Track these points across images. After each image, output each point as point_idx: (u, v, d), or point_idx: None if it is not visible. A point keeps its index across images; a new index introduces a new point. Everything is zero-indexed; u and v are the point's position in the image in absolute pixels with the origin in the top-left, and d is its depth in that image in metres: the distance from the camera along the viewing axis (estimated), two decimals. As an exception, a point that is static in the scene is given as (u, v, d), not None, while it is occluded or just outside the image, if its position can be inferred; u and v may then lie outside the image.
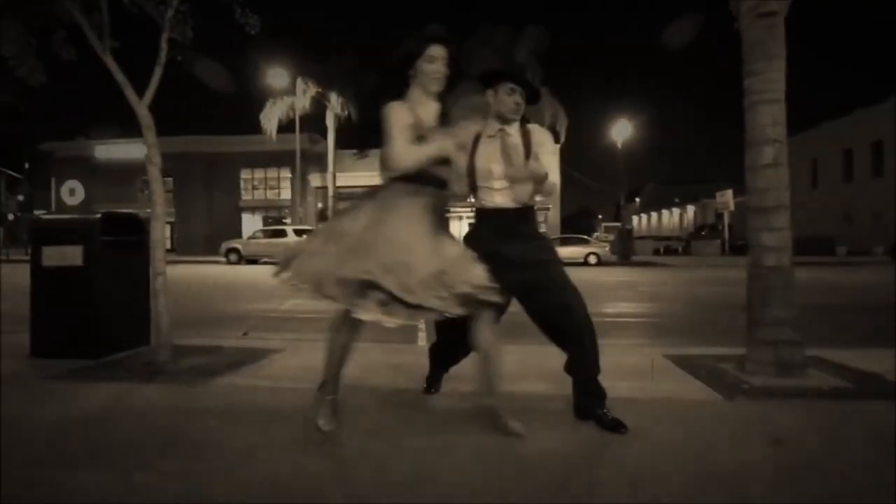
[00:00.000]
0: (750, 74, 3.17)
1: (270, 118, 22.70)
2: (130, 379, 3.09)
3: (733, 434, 2.25)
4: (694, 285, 11.95)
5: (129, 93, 3.56)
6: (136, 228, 4.10)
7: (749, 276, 3.20)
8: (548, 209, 26.92)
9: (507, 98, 2.31)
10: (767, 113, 3.12)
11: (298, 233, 21.44)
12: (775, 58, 3.09)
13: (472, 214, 2.62)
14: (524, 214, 2.36)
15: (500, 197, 2.31)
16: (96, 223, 3.73)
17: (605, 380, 2.34)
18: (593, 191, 36.58)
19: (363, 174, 27.04)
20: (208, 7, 4.11)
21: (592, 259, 20.07)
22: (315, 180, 26.70)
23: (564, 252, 20.40)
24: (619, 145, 24.76)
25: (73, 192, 26.93)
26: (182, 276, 12.90)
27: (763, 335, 3.09)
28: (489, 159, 2.32)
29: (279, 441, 2.12)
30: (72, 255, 3.62)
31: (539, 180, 2.21)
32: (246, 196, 28.89)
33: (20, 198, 39.09)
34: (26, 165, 37.60)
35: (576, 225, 45.61)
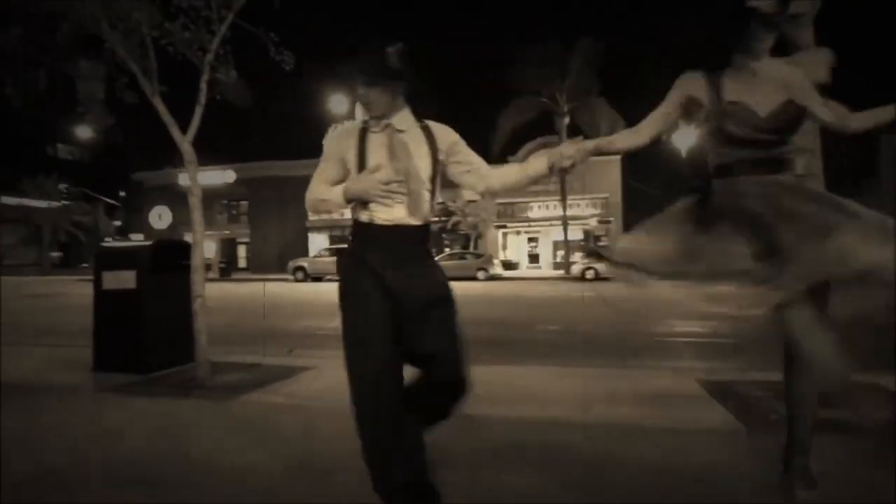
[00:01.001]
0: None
1: (333, 142, 23.75)
2: (169, 394, 3.35)
3: (738, 466, 2.10)
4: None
5: (175, 131, 3.91)
6: (185, 254, 4.44)
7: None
8: (609, 222, 26.15)
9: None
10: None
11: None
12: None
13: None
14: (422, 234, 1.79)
15: (399, 210, 1.71)
16: (148, 250, 4.09)
17: (623, 404, 2.26)
18: (657, 201, 35.01)
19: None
20: (247, 46, 4.47)
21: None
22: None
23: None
24: (684, 154, 23.67)
25: (160, 217, 29.48)
26: (248, 294, 13.71)
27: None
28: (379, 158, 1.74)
29: (271, 462, 2.23)
30: (126, 279, 3.99)
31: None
32: (312, 217, 30.26)
33: (117, 223, 43.27)
34: (122, 193, 41.70)
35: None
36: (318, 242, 29.35)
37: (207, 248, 25.79)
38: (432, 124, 1.83)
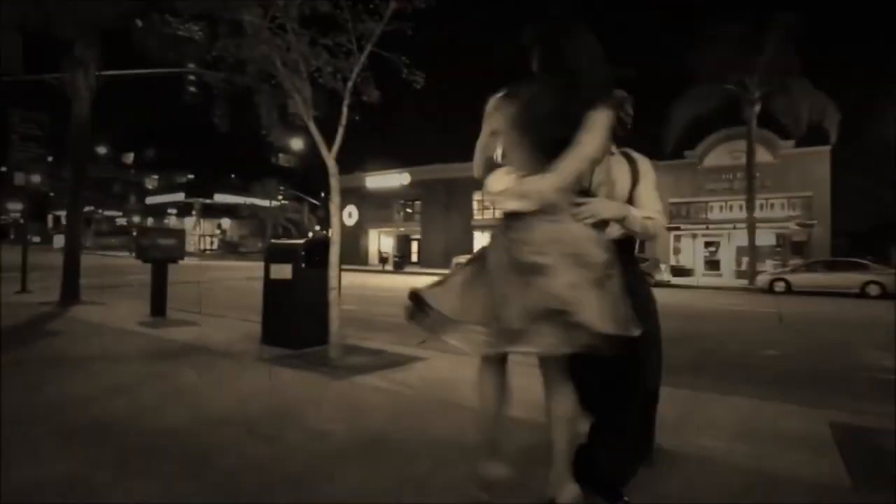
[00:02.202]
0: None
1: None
2: (304, 368, 4.04)
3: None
4: None
5: (322, 148, 4.64)
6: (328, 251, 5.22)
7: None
8: (811, 225, 22.14)
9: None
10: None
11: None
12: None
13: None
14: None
15: None
16: (300, 247, 4.92)
17: (724, 437, 2.16)
18: (876, 201, 28.43)
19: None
20: (384, 69, 5.04)
21: (873, 290, 15.70)
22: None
23: (831, 279, 16.53)
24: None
25: (350, 215, 33.80)
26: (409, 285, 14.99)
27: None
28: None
29: (340, 434, 2.63)
30: (285, 271, 4.87)
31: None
32: (477, 216, 31.53)
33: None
34: (322, 195, 48.87)
35: (868, 245, 35.99)
36: (481, 240, 30.52)
37: (385, 244, 29.03)
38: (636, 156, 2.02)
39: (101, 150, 50.18)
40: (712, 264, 25.19)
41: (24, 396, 3.12)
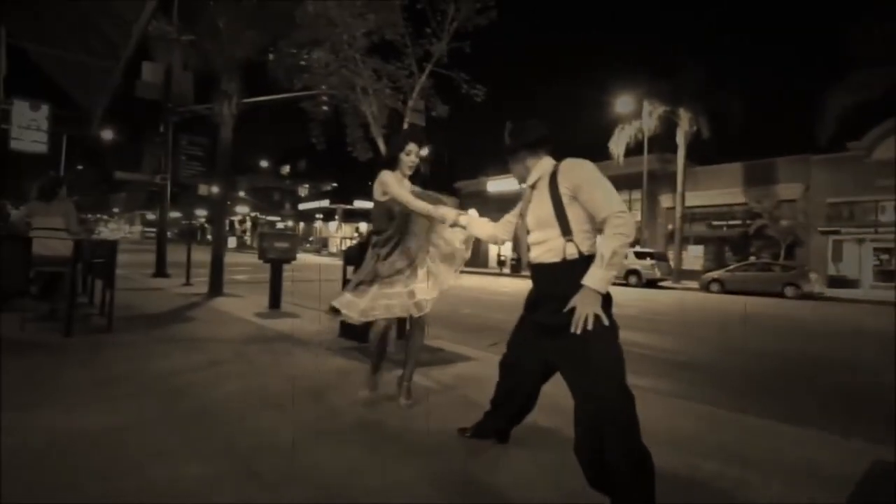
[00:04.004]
0: None
1: (619, 143, 23.42)
2: (359, 359, 4.53)
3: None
4: None
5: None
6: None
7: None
8: None
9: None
10: None
11: (640, 255, 21.30)
12: None
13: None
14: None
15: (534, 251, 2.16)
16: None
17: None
18: None
19: (715, 192, 24.38)
20: (447, 86, 5.40)
21: None
22: (665, 201, 25.73)
23: None
24: None
25: (472, 218, 34.71)
26: (511, 289, 15.10)
27: None
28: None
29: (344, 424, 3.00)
30: (357, 272, 5.45)
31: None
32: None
33: (445, 222, 52.95)
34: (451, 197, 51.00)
35: None
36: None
37: (504, 247, 29.33)
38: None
39: (263, 163, 57.79)
40: (887, 275, 21.28)
41: (134, 365, 4.04)
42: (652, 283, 20.67)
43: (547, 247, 2.06)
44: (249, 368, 4.11)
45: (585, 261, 1.95)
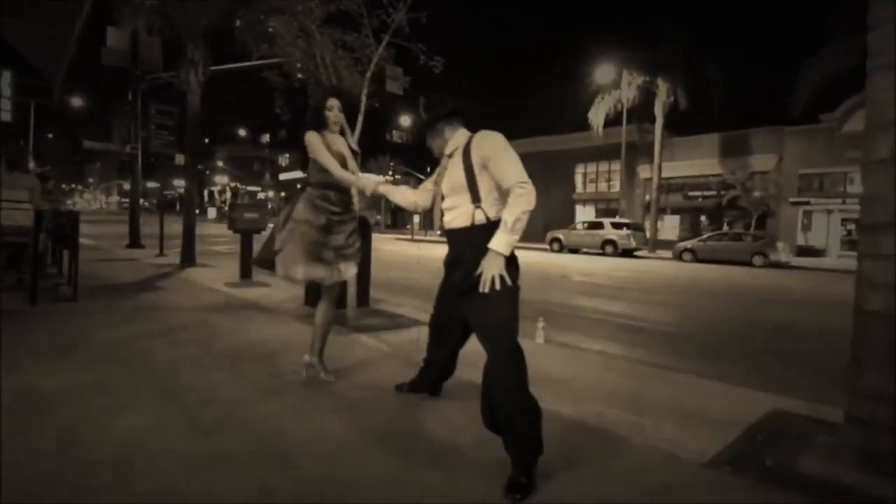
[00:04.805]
0: (873, 27, 2.28)
1: (598, 114, 23.48)
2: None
3: None
4: None
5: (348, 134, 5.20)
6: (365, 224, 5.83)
7: (853, 322, 2.32)
8: None
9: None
10: (888, 84, 2.19)
11: (616, 226, 21.68)
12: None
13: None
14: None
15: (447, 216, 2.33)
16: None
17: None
18: None
19: (692, 162, 24.71)
20: (406, 58, 5.44)
21: None
22: (644, 172, 26.04)
23: None
24: None
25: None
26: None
27: (856, 408, 2.24)
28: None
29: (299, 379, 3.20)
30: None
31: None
32: (579, 189, 30.65)
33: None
34: (428, 170, 50.74)
35: None
36: (584, 214, 29.62)
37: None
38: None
39: (242, 132, 56.65)
40: (852, 244, 22.00)
41: (95, 331, 4.17)
42: (627, 253, 21.11)
43: (458, 212, 2.21)
44: (209, 334, 4.27)
45: (493, 226, 2.06)
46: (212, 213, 59.71)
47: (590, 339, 5.30)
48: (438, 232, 2.43)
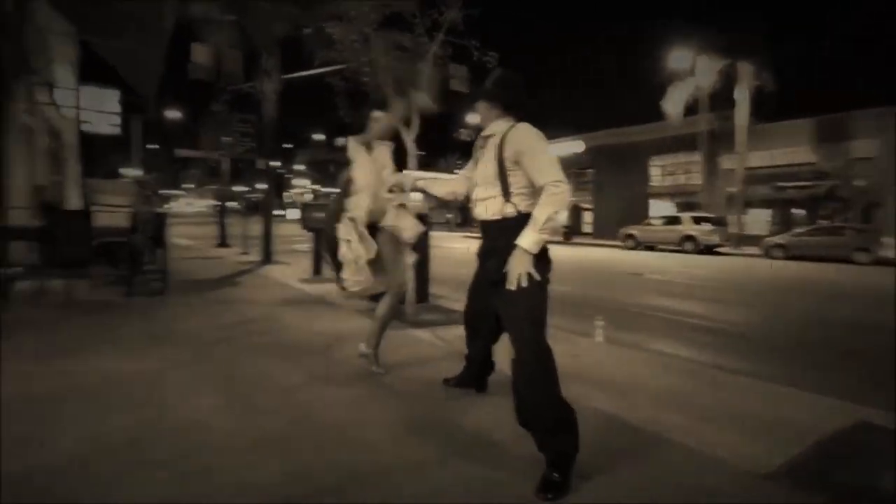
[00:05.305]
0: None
1: (673, 102, 22.25)
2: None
3: None
4: None
5: (403, 131, 5.32)
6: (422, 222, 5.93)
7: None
8: None
9: None
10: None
11: (696, 220, 20.44)
12: None
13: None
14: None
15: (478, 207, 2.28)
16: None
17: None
18: None
19: (781, 151, 22.70)
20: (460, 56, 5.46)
21: None
22: (726, 162, 24.26)
23: None
24: None
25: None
26: (571, 258, 15.04)
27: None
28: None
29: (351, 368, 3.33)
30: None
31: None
32: (654, 182, 29.17)
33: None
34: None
35: None
36: (660, 209, 28.15)
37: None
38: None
39: (320, 136, 59.29)
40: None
41: (177, 321, 4.56)
42: (709, 250, 19.84)
43: (489, 203, 2.19)
44: (276, 326, 4.55)
45: (524, 218, 2.02)
46: (294, 213, 63.08)
47: (654, 340, 5.06)
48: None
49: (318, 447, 2.20)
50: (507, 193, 2.13)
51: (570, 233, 29.76)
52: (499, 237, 2.12)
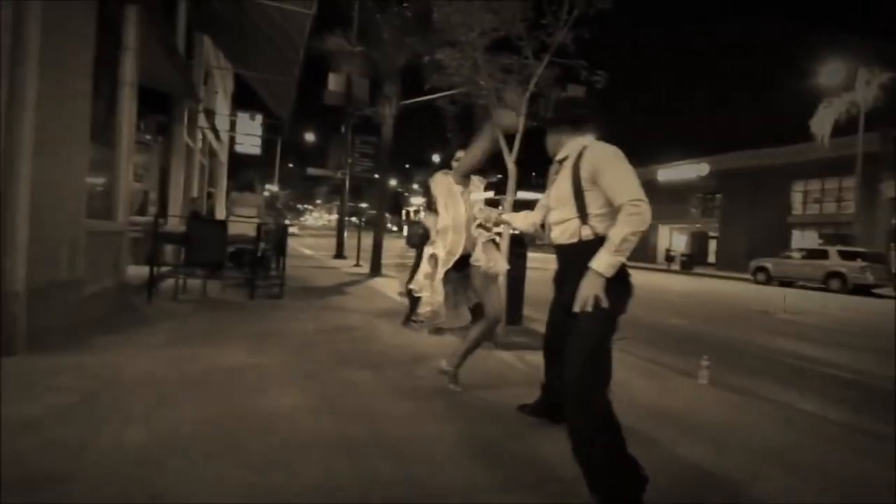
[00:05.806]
0: None
1: (823, 122, 19.80)
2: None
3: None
4: None
5: (505, 153, 5.36)
6: (520, 244, 5.88)
7: None
8: None
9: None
10: None
11: (846, 255, 17.82)
12: None
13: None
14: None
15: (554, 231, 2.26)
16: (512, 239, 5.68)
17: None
18: None
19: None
20: (568, 77, 5.41)
21: None
22: (889, 189, 20.91)
23: None
24: None
25: (640, 210, 32.50)
26: (687, 289, 13.96)
27: None
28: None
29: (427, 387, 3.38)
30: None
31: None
32: (796, 211, 25.99)
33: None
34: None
35: None
36: (803, 240, 24.95)
37: (676, 242, 27.23)
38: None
39: (436, 158, 61.73)
40: None
41: (286, 322, 4.99)
42: (862, 290, 17.14)
43: (564, 227, 2.12)
44: (369, 335, 4.79)
45: (601, 241, 1.93)
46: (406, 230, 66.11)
47: (774, 387, 4.48)
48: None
49: (385, 456, 2.28)
50: (583, 215, 2.06)
51: (691, 262, 27.52)
52: (575, 261, 2.03)
